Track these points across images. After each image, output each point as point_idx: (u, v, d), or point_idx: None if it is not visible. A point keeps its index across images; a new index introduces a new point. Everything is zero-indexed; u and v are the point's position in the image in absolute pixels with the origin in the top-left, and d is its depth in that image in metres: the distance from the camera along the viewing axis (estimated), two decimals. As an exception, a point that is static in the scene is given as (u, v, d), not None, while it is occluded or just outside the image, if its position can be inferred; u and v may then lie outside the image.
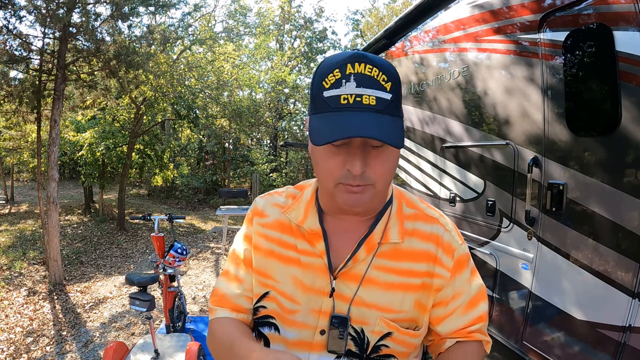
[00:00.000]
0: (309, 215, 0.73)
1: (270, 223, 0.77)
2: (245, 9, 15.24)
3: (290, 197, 0.78)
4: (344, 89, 0.58)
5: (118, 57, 4.95)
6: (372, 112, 0.57)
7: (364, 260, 0.70)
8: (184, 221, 3.25)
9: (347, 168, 0.60)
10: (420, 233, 0.73)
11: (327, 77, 0.59)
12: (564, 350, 1.99)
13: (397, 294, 0.70)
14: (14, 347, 3.30)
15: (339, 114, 0.58)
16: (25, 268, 5.19)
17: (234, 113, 10.40)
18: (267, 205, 0.79)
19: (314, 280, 0.71)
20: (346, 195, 0.63)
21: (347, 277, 0.70)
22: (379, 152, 0.61)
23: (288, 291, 0.72)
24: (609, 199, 1.76)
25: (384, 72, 0.59)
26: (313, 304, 0.71)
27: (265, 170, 14.18)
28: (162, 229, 7.43)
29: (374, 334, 0.70)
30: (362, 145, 0.60)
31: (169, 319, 2.94)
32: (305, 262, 0.72)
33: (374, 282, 0.70)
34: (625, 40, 1.67)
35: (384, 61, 0.60)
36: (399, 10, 17.44)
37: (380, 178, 0.62)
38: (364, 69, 0.58)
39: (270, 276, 0.74)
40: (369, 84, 0.58)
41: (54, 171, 4.60)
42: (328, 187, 0.65)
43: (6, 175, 12.71)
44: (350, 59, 0.58)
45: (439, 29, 3.04)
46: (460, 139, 2.82)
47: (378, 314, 0.69)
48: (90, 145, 7.87)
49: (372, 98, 0.57)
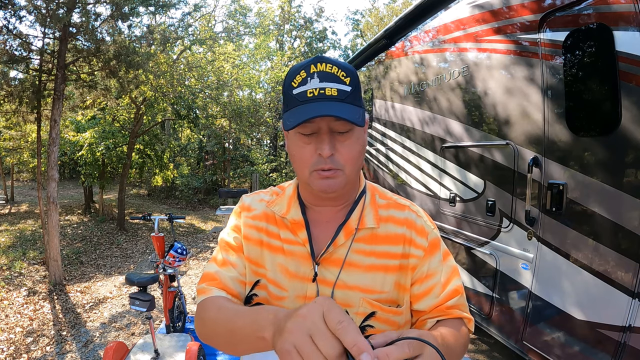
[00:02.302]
0: (292, 208, 0.79)
1: (257, 215, 0.82)
2: (245, 9, 15.24)
3: (274, 194, 0.85)
4: (309, 85, 0.66)
5: (118, 57, 4.95)
6: (335, 101, 0.66)
7: (344, 244, 0.75)
8: (184, 221, 3.25)
9: (318, 153, 0.68)
10: (394, 219, 0.80)
11: (295, 78, 0.68)
12: (564, 350, 1.99)
13: (378, 275, 0.75)
14: (14, 347, 3.29)
15: (307, 105, 0.66)
16: (25, 268, 5.19)
17: (234, 113, 10.40)
18: (253, 202, 0.85)
19: (297, 267, 0.75)
20: (320, 181, 0.70)
21: (328, 263, 0.75)
22: (345, 138, 0.69)
23: (275, 278, 0.76)
24: (609, 199, 1.76)
25: (342, 69, 0.68)
26: (298, 290, 0.75)
27: (265, 170, 14.18)
28: (162, 229, 7.43)
29: (359, 315, 0.73)
30: (329, 132, 0.68)
31: (169, 319, 2.94)
32: (289, 250, 0.77)
33: (355, 265, 0.74)
34: (625, 40, 1.67)
35: (342, 62, 0.70)
36: (399, 10, 17.44)
37: (348, 162, 0.70)
38: (325, 67, 0.67)
39: (262, 265, 0.78)
40: (331, 79, 0.67)
41: (54, 171, 4.60)
42: (304, 176, 0.72)
43: (6, 175, 12.71)
44: (313, 61, 0.68)
45: (439, 29, 3.04)
46: (460, 139, 2.82)
47: (361, 295, 0.73)
48: (90, 145, 7.87)
49: (334, 90, 0.66)
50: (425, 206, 3.37)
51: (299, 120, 0.64)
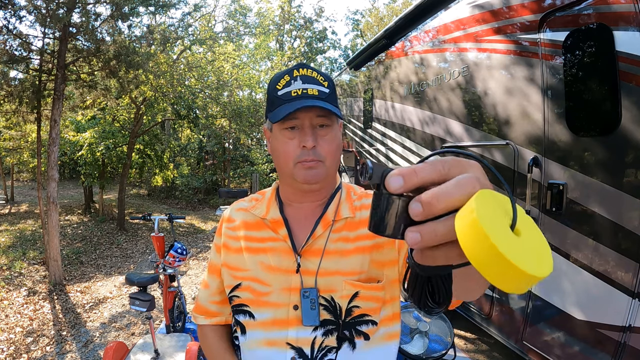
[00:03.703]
0: (271, 209, 0.85)
1: (236, 225, 0.89)
2: (245, 9, 15.24)
3: (253, 200, 0.92)
4: (293, 86, 0.75)
5: (118, 57, 4.95)
6: (316, 99, 0.74)
7: (322, 235, 0.80)
8: (184, 221, 3.25)
9: (302, 145, 0.75)
10: (366, 206, 0.85)
11: (279, 82, 0.77)
12: (564, 350, 1.99)
13: (356, 257, 0.78)
14: (14, 347, 3.29)
15: (292, 102, 0.74)
16: (25, 268, 5.19)
17: (234, 113, 10.38)
18: (232, 212, 0.92)
19: (280, 261, 0.80)
20: (304, 171, 0.76)
21: (309, 253, 0.79)
22: (325, 132, 0.77)
23: (258, 276, 0.80)
24: (609, 199, 1.76)
25: (321, 75, 0.78)
26: (282, 282, 0.79)
27: (265, 170, 14.17)
28: (162, 229, 7.43)
29: (343, 298, 0.76)
30: (311, 126, 0.75)
31: (169, 319, 2.94)
32: (271, 247, 0.82)
33: (334, 252, 0.79)
34: (625, 40, 1.67)
35: (320, 70, 0.80)
36: (399, 10, 17.43)
37: (328, 155, 0.77)
38: (307, 72, 0.77)
39: (240, 269, 0.83)
40: (312, 82, 0.76)
41: (54, 171, 4.60)
42: (288, 169, 0.77)
43: (6, 175, 12.70)
44: (296, 67, 0.78)
45: (439, 29, 3.04)
46: (460, 139, 2.82)
47: (342, 279, 0.77)
48: (90, 145, 7.86)
49: (315, 90, 0.75)
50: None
51: (287, 112, 0.71)
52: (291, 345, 0.76)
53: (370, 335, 0.77)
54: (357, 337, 0.76)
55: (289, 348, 0.76)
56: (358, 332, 0.76)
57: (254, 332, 0.79)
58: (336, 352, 0.75)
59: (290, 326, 0.76)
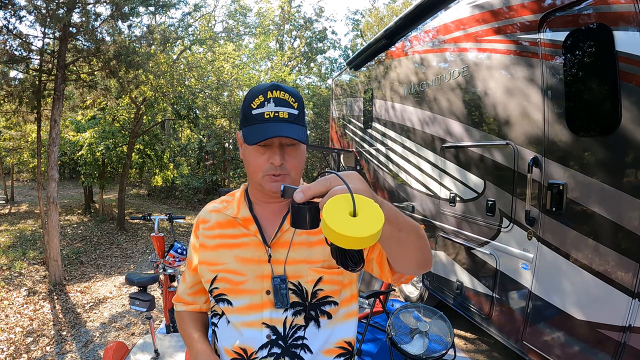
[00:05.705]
0: (241, 208, 0.95)
1: (211, 226, 0.98)
2: (245, 9, 15.22)
3: (224, 202, 1.01)
4: (266, 108, 0.83)
5: (118, 57, 4.95)
6: (285, 123, 0.83)
7: (289, 229, 0.90)
8: (184, 221, 3.25)
9: (271, 162, 0.85)
10: None
11: (254, 100, 0.84)
12: (564, 350, 1.99)
13: (319, 248, 0.90)
14: (14, 347, 3.29)
15: (264, 124, 0.83)
16: (25, 268, 5.19)
17: (234, 113, 10.38)
18: (206, 213, 1.01)
19: (253, 253, 0.91)
20: (270, 183, 0.86)
21: (278, 245, 0.90)
22: (292, 150, 0.86)
23: (234, 268, 0.91)
24: (609, 199, 1.76)
25: (292, 96, 0.85)
26: (256, 271, 0.89)
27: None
28: (162, 229, 7.43)
29: (309, 282, 0.88)
30: (279, 145, 0.85)
31: (169, 319, 2.94)
32: (244, 242, 0.92)
33: (300, 243, 0.90)
34: (625, 40, 1.67)
35: (292, 89, 0.87)
36: (399, 10, 17.43)
37: (293, 168, 0.87)
38: (279, 94, 0.84)
39: (217, 263, 0.93)
40: (283, 104, 0.84)
41: (54, 171, 4.60)
42: (257, 179, 0.87)
43: (6, 175, 12.70)
44: (270, 88, 0.84)
45: (439, 29, 3.04)
46: (460, 139, 2.82)
47: (308, 266, 0.88)
48: (90, 145, 7.86)
49: (285, 113, 0.84)
50: (426, 206, 3.37)
51: (260, 139, 0.80)
52: (266, 324, 0.88)
53: (332, 314, 0.91)
54: (321, 316, 0.90)
55: (264, 327, 0.88)
56: (322, 312, 0.90)
57: (233, 316, 0.91)
58: (304, 329, 0.89)
59: (264, 308, 0.88)
